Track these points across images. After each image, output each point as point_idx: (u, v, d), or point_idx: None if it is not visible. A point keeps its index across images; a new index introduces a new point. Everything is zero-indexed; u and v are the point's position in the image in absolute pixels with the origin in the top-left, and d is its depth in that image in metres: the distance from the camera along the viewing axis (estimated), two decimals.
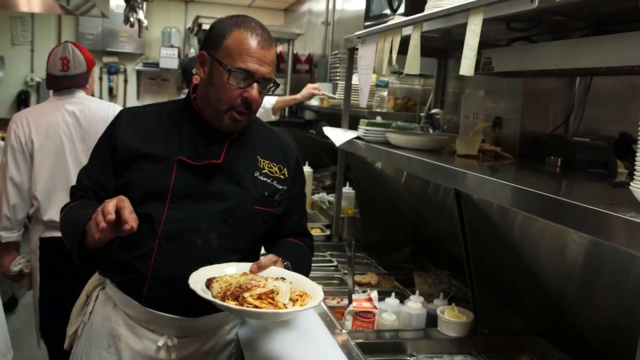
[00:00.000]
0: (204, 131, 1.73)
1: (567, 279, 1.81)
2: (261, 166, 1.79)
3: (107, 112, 3.00)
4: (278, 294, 1.44)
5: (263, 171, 1.78)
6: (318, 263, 2.79)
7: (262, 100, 1.71)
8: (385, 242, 3.07)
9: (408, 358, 1.88)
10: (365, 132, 2.44)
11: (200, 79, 1.72)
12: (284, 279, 1.56)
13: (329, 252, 2.94)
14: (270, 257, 1.65)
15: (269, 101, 4.14)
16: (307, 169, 3.89)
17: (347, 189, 3.36)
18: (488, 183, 1.45)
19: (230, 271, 1.61)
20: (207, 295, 1.47)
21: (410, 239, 3.01)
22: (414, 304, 2.04)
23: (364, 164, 3.12)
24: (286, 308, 1.43)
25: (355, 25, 3.68)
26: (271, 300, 1.43)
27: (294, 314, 1.56)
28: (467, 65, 1.54)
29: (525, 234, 1.92)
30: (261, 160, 1.79)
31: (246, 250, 1.78)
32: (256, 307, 1.41)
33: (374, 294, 2.00)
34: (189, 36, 7.58)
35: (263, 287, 1.45)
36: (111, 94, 7.81)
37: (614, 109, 1.87)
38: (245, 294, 1.42)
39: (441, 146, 2.16)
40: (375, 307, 1.97)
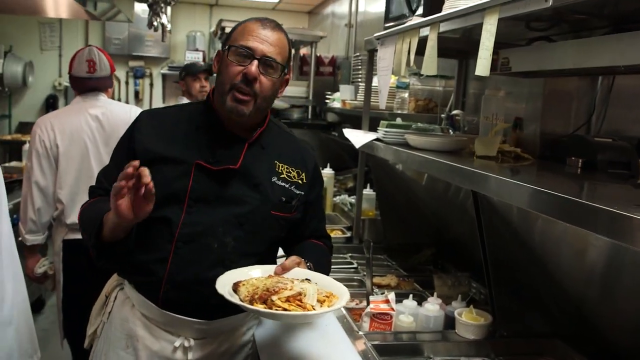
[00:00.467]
0: (222, 134, 1.74)
1: (588, 281, 1.77)
2: (279, 171, 1.78)
3: (128, 114, 3.04)
4: (306, 295, 1.45)
5: (281, 176, 1.78)
6: (338, 265, 2.79)
7: (270, 86, 1.68)
8: (406, 244, 3.06)
9: None
10: (384, 134, 2.43)
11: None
12: (309, 280, 1.57)
13: (350, 254, 2.94)
14: (293, 259, 1.66)
15: None
16: (328, 171, 3.90)
17: (367, 191, 3.35)
18: (504, 184, 1.43)
19: (256, 274, 1.62)
20: (235, 299, 1.48)
21: (431, 241, 2.99)
22: (432, 306, 2.02)
23: (384, 166, 3.11)
24: (314, 309, 1.44)
25: (377, 27, 3.67)
26: (299, 302, 1.44)
27: (322, 315, 1.57)
28: (483, 65, 1.53)
29: (545, 235, 1.89)
30: (279, 164, 1.79)
31: (262, 254, 1.78)
32: (285, 309, 1.42)
33: (392, 296, 1.99)
34: (213, 40, 7.64)
35: (290, 289, 1.46)
36: (137, 98, 7.91)
37: (638, 108, 1.83)
38: (274, 297, 1.43)
39: (460, 147, 2.14)
40: (393, 309, 1.96)
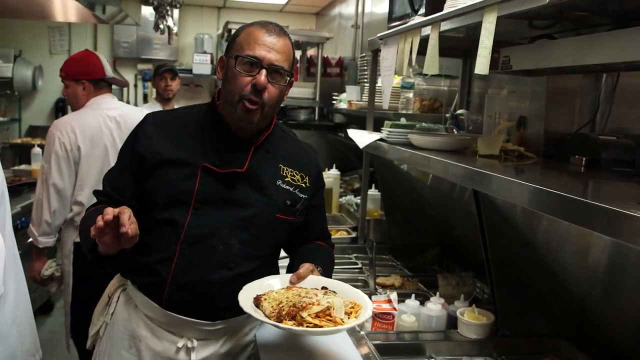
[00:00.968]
0: (228, 138, 1.74)
1: (591, 280, 1.76)
2: (284, 174, 1.79)
3: (142, 116, 3.08)
4: (334, 309, 1.47)
5: (286, 179, 1.79)
6: (343, 265, 2.80)
7: (277, 93, 1.69)
8: (411, 244, 3.05)
9: None
10: (388, 134, 2.44)
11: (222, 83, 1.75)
12: (326, 288, 1.59)
13: (355, 255, 2.94)
14: (307, 267, 1.68)
15: None
16: (334, 171, 3.90)
17: (372, 191, 3.35)
18: (503, 183, 1.43)
19: (275, 284, 1.64)
20: (261, 316, 1.49)
21: (436, 241, 2.98)
22: (434, 306, 2.02)
23: (389, 166, 3.11)
24: (344, 322, 1.46)
25: (383, 28, 3.65)
26: (329, 317, 1.45)
27: (353, 327, 1.58)
28: (482, 63, 1.53)
29: (548, 234, 1.88)
30: (284, 168, 1.80)
31: (266, 257, 1.79)
32: (316, 325, 1.43)
33: (394, 296, 1.99)
34: (221, 42, 7.66)
35: (318, 304, 1.47)
36: (146, 100, 7.92)
37: None
38: (303, 314, 1.44)
39: (464, 146, 2.14)
40: (395, 309, 1.96)
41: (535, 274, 1.96)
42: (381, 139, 2.51)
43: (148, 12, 7.06)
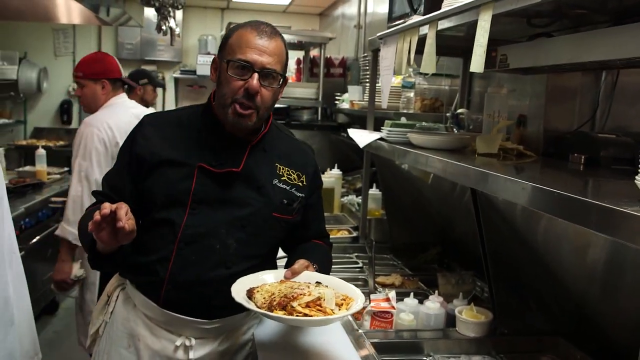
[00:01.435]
0: (224, 138, 1.75)
1: (590, 279, 1.76)
2: (280, 173, 1.80)
3: None
4: (325, 300, 1.48)
5: (282, 178, 1.79)
6: (344, 264, 2.80)
7: (270, 96, 1.69)
8: (412, 244, 3.05)
9: (425, 358, 1.86)
10: (388, 133, 2.44)
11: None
12: (320, 282, 1.59)
13: (355, 254, 2.94)
14: (302, 263, 1.68)
15: None
16: (336, 171, 3.90)
17: (374, 191, 3.35)
18: (501, 181, 1.43)
19: (268, 279, 1.65)
20: (252, 306, 1.50)
21: (437, 240, 2.98)
22: (432, 304, 2.02)
23: (390, 166, 3.11)
24: (334, 313, 1.47)
25: (385, 28, 3.67)
26: (319, 307, 1.46)
27: (343, 318, 1.59)
28: (477, 61, 1.53)
29: (546, 232, 1.88)
30: (280, 167, 1.81)
31: (263, 256, 1.80)
32: (306, 315, 1.44)
33: (392, 294, 1.99)
34: None
35: (309, 294, 1.48)
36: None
37: None
38: (294, 303, 1.45)
39: (463, 145, 2.14)
40: (393, 307, 1.96)
41: (534, 272, 1.96)
42: (381, 139, 2.51)
43: (151, 13, 7.08)
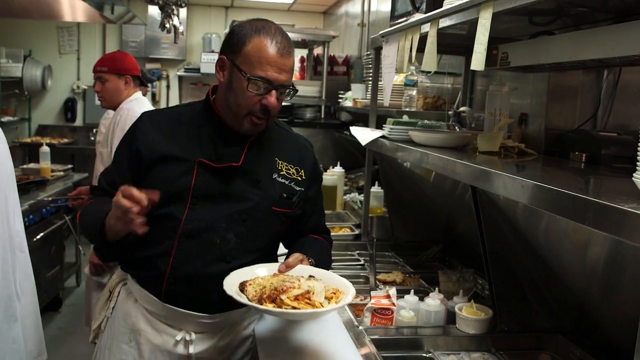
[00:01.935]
0: (223, 133, 1.76)
1: (590, 276, 1.76)
2: (279, 168, 1.81)
3: None
4: (314, 293, 1.48)
5: (281, 173, 1.81)
6: (346, 262, 2.81)
7: (280, 105, 1.73)
8: (414, 241, 3.06)
9: (425, 355, 1.86)
10: (390, 131, 2.45)
11: (219, 82, 1.76)
12: (313, 276, 1.59)
13: (357, 252, 2.94)
14: (297, 256, 1.69)
15: None
16: (338, 169, 3.90)
17: (376, 189, 3.35)
18: (501, 179, 1.43)
19: (262, 272, 1.65)
20: (243, 299, 1.51)
21: (439, 237, 2.99)
22: (432, 301, 2.02)
23: (392, 164, 3.11)
24: (323, 306, 1.47)
25: (388, 26, 3.67)
26: (308, 300, 1.47)
27: (331, 312, 1.59)
28: (477, 59, 1.54)
29: (546, 229, 1.88)
30: (279, 161, 1.82)
31: (263, 250, 1.81)
32: (294, 308, 1.44)
33: (392, 291, 2.00)
34: None
35: (298, 288, 1.48)
36: (154, 100, 7.98)
37: None
38: (283, 296, 1.46)
39: (464, 143, 2.14)
40: (394, 304, 1.96)
41: (534, 270, 1.96)
42: (383, 136, 2.52)
43: (155, 11, 7.10)
